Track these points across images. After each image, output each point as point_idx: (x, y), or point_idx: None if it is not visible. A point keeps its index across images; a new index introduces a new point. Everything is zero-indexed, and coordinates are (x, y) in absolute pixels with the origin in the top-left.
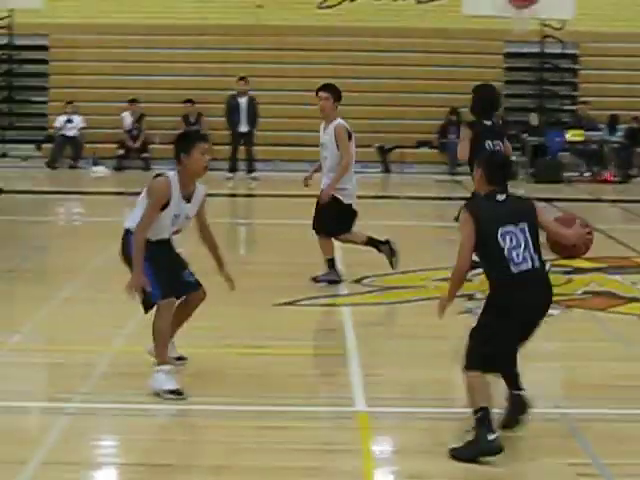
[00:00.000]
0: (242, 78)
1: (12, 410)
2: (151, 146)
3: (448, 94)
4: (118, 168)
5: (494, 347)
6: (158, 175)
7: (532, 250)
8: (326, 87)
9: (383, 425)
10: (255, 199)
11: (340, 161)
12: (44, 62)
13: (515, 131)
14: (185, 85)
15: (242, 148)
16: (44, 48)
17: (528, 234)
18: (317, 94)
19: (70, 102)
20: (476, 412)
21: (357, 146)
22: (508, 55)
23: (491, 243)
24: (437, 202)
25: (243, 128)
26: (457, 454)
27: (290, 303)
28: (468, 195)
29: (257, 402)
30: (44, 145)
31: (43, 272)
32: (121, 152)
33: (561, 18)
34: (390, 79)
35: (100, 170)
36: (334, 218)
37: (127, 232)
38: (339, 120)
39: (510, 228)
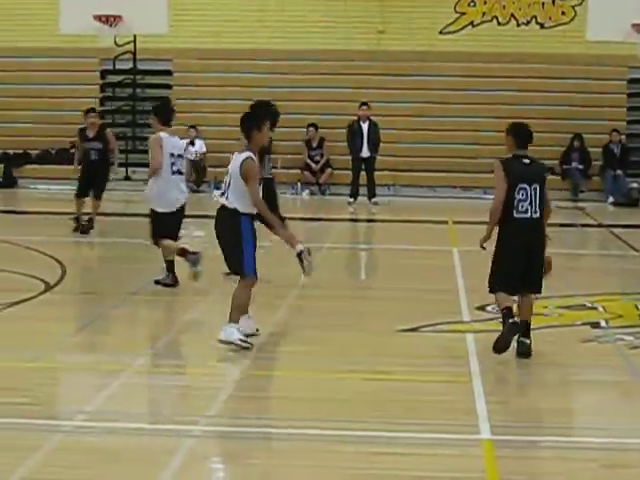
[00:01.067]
0: (364, 103)
1: (138, 432)
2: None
3: (570, 120)
4: None
5: (501, 272)
6: (245, 159)
7: (535, 205)
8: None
9: (508, 454)
10: (376, 224)
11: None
12: (168, 87)
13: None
14: (308, 110)
15: (363, 173)
16: (168, 73)
17: (537, 192)
18: None
19: (193, 126)
20: (503, 310)
21: (480, 172)
22: (632, 81)
23: (509, 193)
24: (559, 229)
25: (365, 153)
26: (498, 346)
27: (412, 329)
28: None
29: (381, 428)
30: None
31: (168, 294)
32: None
33: None
34: (509, 105)
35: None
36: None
37: (235, 212)
38: None
39: (524, 185)
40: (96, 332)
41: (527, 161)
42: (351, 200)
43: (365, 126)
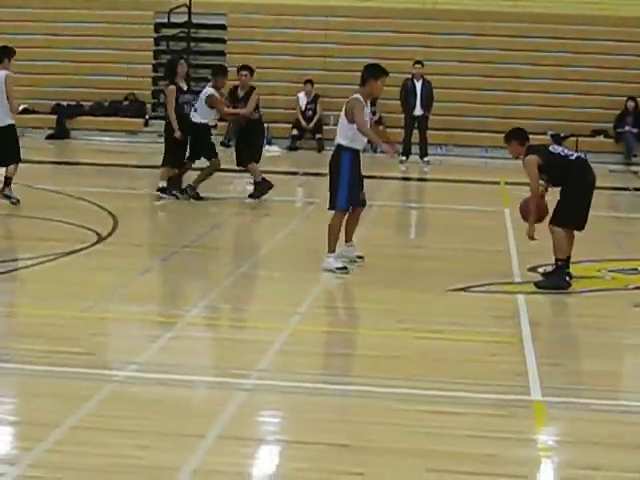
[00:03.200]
0: (418, 62)
1: (191, 384)
2: (325, 127)
3: (624, 83)
4: (291, 148)
5: (575, 208)
6: (351, 98)
7: None
8: None
9: (558, 415)
10: (428, 183)
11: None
12: (222, 41)
13: None
14: (361, 67)
15: (416, 132)
16: (222, 27)
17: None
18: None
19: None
20: (559, 260)
21: (533, 133)
22: None
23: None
24: (611, 192)
25: (418, 112)
26: (542, 285)
27: (462, 289)
28: None
29: (433, 387)
30: (220, 123)
31: (219, 248)
32: (295, 132)
33: None
34: (562, 67)
35: (274, 149)
36: None
37: (339, 147)
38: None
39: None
40: (148, 284)
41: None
42: (403, 158)
43: (419, 85)
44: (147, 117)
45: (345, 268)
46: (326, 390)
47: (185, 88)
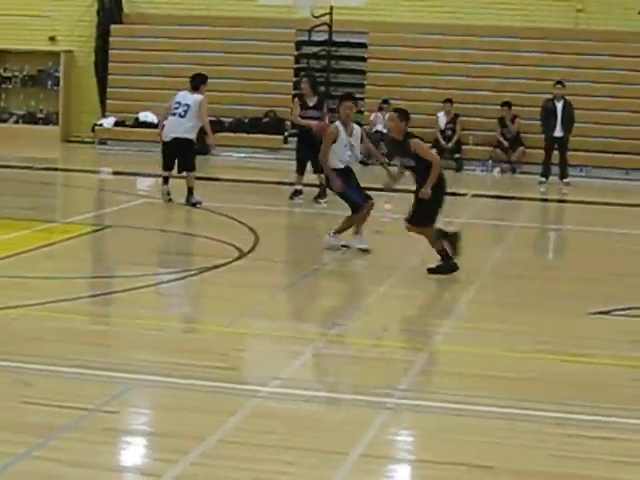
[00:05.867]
0: (559, 82)
1: (333, 401)
2: (464, 147)
3: None
4: None
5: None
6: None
7: None
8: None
9: None
10: (567, 205)
11: None
12: (362, 59)
13: None
14: (501, 87)
15: (555, 153)
16: (363, 45)
17: None
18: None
19: (385, 100)
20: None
21: None
22: None
23: None
24: None
25: (558, 133)
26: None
27: (605, 312)
28: None
29: (578, 411)
30: None
31: (358, 266)
32: (434, 151)
33: None
34: None
35: None
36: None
37: None
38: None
39: None
40: (289, 300)
41: None
42: (542, 179)
43: (559, 105)
44: (287, 134)
45: (347, 246)
46: (469, 411)
47: (311, 104)
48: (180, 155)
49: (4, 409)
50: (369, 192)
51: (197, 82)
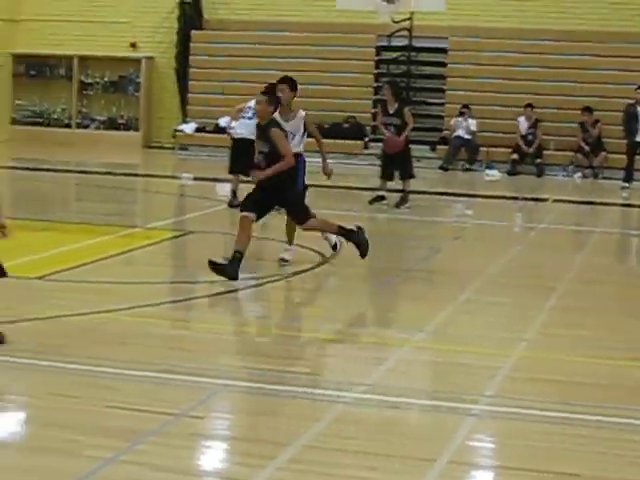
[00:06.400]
0: None
1: (419, 407)
2: (545, 152)
3: None
4: (511, 173)
5: None
6: None
7: None
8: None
9: None
10: None
11: None
12: (442, 65)
13: None
14: (582, 92)
15: (638, 158)
16: (443, 51)
17: None
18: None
19: (466, 105)
20: None
21: None
22: None
23: None
24: None
25: None
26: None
27: None
28: None
29: None
30: (439, 147)
31: (441, 273)
32: (515, 157)
33: None
34: None
35: (493, 174)
36: None
37: None
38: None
39: None
40: (371, 306)
41: None
42: (625, 185)
43: None
44: (367, 139)
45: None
46: (554, 418)
47: (391, 111)
48: (247, 158)
49: (90, 414)
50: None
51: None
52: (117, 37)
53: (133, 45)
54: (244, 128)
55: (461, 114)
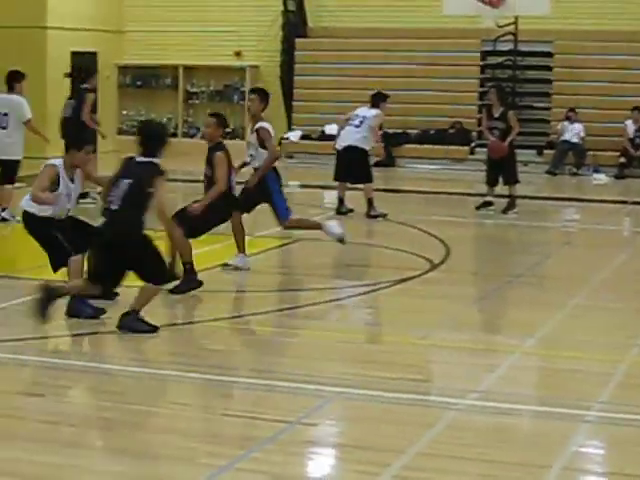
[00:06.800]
0: None
1: (532, 414)
2: None
3: None
4: (619, 176)
5: None
6: None
7: None
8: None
9: None
10: None
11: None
12: (548, 68)
13: None
14: None
15: None
16: (548, 54)
17: None
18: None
19: (572, 109)
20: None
21: None
22: None
23: None
24: None
25: None
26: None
27: None
28: None
29: None
30: (545, 151)
31: (551, 278)
32: (622, 160)
33: None
34: None
35: (601, 177)
36: None
37: None
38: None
39: None
40: (482, 312)
41: None
42: None
43: None
44: (473, 145)
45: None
46: None
47: (496, 115)
48: (353, 166)
49: (205, 421)
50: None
51: (377, 100)
52: (222, 46)
53: (238, 54)
54: (351, 135)
55: (567, 118)
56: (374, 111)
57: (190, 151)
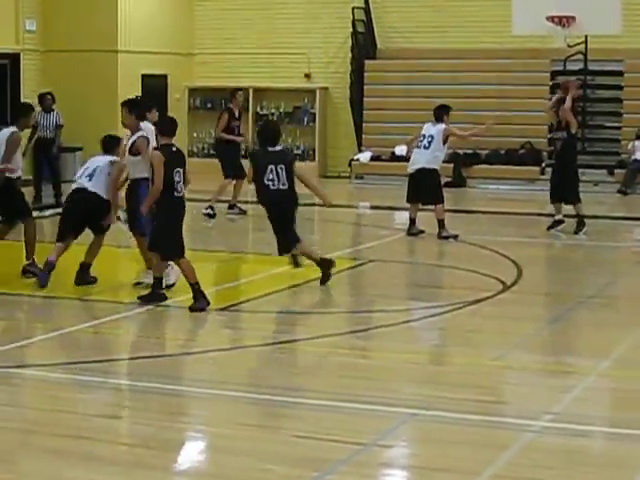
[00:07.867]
0: None
1: (610, 436)
2: None
3: None
4: None
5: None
6: None
7: None
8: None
9: None
10: None
11: None
12: (619, 87)
13: None
14: None
15: None
16: (619, 73)
17: None
18: None
19: None
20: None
21: None
22: None
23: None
24: None
25: None
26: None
27: None
28: None
29: None
30: (616, 170)
31: (623, 298)
32: None
33: None
34: None
35: None
36: None
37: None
38: None
39: None
40: (556, 333)
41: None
42: None
43: None
44: (543, 165)
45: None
46: None
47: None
48: (424, 187)
49: (278, 443)
50: None
51: (440, 113)
52: (291, 68)
53: (307, 76)
54: (422, 158)
55: (638, 137)
56: (440, 126)
57: None
